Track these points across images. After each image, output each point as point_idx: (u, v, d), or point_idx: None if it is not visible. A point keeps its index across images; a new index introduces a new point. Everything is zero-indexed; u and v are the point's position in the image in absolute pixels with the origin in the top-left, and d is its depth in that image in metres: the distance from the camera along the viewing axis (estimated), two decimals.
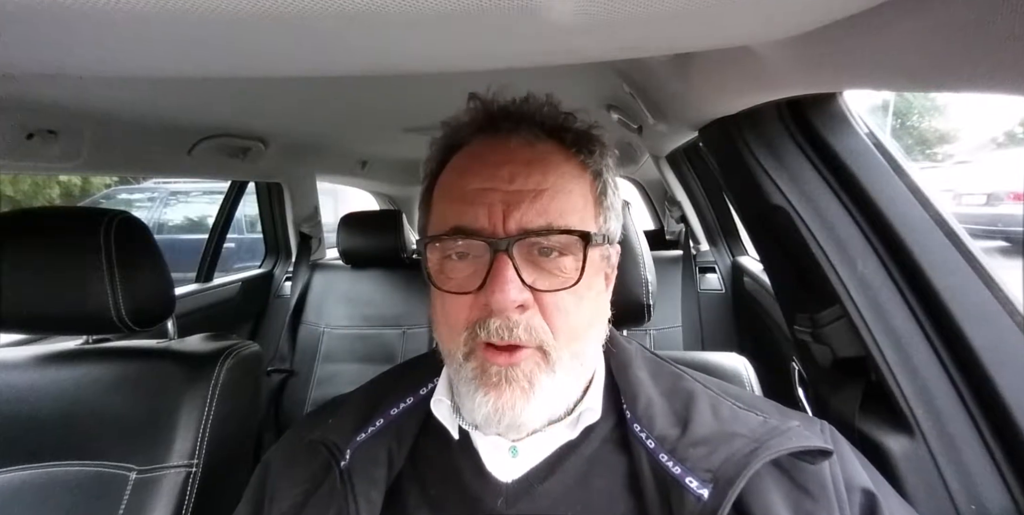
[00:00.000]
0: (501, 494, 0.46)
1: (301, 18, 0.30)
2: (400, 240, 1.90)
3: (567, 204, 0.46)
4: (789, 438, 0.43)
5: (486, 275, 0.43)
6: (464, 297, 0.45)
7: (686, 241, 2.14)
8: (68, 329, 0.87)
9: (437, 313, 0.48)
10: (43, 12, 0.29)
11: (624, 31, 0.37)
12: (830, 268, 0.66)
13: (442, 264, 0.47)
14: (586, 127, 0.51)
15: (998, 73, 0.34)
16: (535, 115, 0.49)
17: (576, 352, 0.46)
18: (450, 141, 0.52)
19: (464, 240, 0.45)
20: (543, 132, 0.49)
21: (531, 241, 0.44)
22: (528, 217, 0.44)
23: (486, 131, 0.50)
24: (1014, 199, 2.68)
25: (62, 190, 5.66)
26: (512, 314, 0.43)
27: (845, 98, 0.70)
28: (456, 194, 0.47)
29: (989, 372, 0.57)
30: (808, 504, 0.42)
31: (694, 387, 0.51)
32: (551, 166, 0.47)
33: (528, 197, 0.45)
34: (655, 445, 0.45)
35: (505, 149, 0.47)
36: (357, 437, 0.50)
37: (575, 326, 0.46)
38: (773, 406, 0.52)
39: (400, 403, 0.53)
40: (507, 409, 0.43)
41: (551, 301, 0.44)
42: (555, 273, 0.45)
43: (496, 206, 0.44)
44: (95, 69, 0.47)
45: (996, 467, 0.57)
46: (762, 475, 0.43)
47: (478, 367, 0.45)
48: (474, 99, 0.51)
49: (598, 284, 0.50)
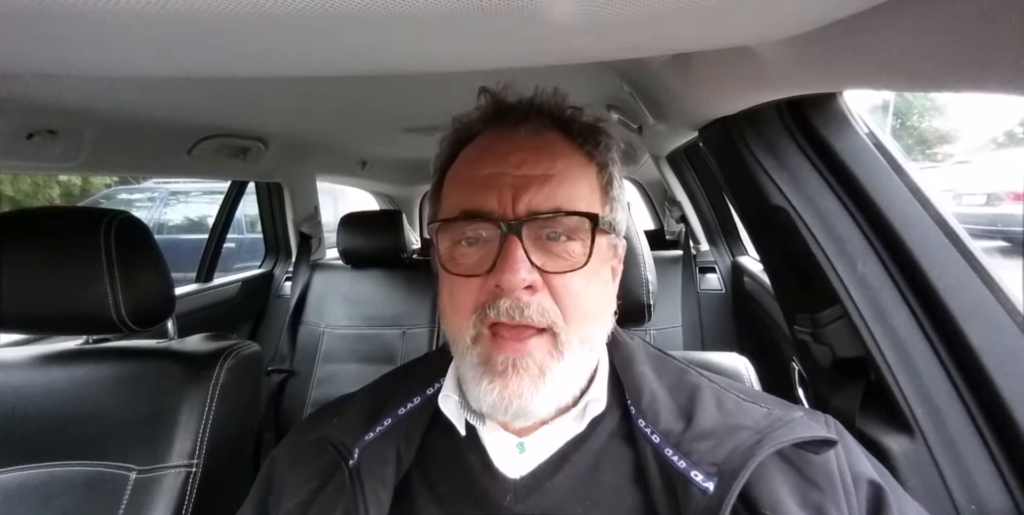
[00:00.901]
0: (510, 490, 0.46)
1: (301, 18, 0.30)
2: (400, 240, 1.90)
3: (575, 190, 0.47)
4: (793, 428, 0.43)
5: (496, 258, 0.44)
6: (474, 280, 0.45)
7: (686, 241, 2.13)
8: (68, 329, 0.87)
9: (445, 298, 0.48)
10: (43, 12, 0.29)
11: (624, 31, 0.37)
12: (830, 268, 0.66)
13: (452, 250, 0.47)
14: (592, 120, 0.52)
15: (998, 73, 0.34)
16: (543, 107, 0.51)
17: (585, 336, 0.46)
18: (460, 135, 0.53)
19: (474, 223, 0.46)
20: (551, 123, 0.50)
21: (540, 224, 0.45)
22: (537, 200, 0.45)
23: (495, 122, 0.51)
24: (1014, 199, 2.68)
25: (62, 190, 5.66)
26: (522, 295, 0.43)
27: (845, 98, 0.70)
28: (466, 181, 0.48)
29: (989, 372, 0.57)
30: (816, 495, 0.42)
31: (698, 381, 0.51)
32: (559, 154, 0.48)
33: (537, 182, 0.46)
34: (660, 439, 0.45)
35: (514, 137, 0.49)
36: (365, 436, 0.50)
37: (586, 308, 0.46)
38: (778, 400, 0.52)
39: (408, 403, 0.53)
40: (515, 397, 0.44)
41: (560, 283, 0.45)
42: (564, 257, 0.46)
43: (506, 189, 0.45)
44: (95, 69, 0.47)
45: (996, 467, 0.57)
46: (768, 467, 0.43)
47: (484, 353, 0.45)
48: (484, 93, 0.52)
49: (605, 272, 0.50)
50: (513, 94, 0.51)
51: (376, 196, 3.31)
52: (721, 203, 1.99)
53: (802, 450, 0.44)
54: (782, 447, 0.42)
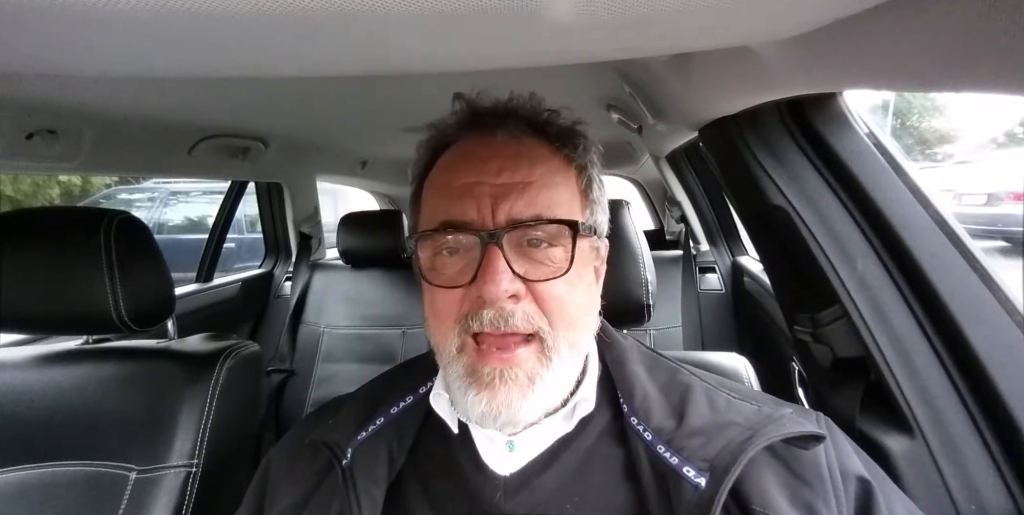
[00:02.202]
0: (499, 488, 0.46)
1: (301, 18, 0.30)
2: (400, 240, 1.90)
3: (554, 196, 0.47)
4: (783, 425, 0.44)
5: (477, 268, 0.44)
6: (455, 291, 0.45)
7: (686, 241, 2.14)
8: (68, 329, 0.87)
9: (428, 308, 0.49)
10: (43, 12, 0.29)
11: (624, 31, 0.37)
12: (830, 268, 0.66)
13: (433, 260, 0.47)
14: (569, 123, 0.52)
15: (998, 73, 0.34)
16: (518, 111, 0.50)
17: (573, 340, 0.46)
18: (437, 142, 0.52)
19: (454, 234, 0.46)
20: (528, 128, 0.50)
21: (521, 232, 0.45)
22: (517, 208, 0.45)
23: (472, 128, 0.50)
24: (1014, 199, 2.68)
25: (62, 190, 5.66)
26: (506, 304, 0.43)
27: (845, 98, 0.70)
28: (444, 190, 0.48)
29: (989, 372, 0.57)
30: (805, 492, 0.42)
31: (690, 380, 0.52)
32: (537, 160, 0.48)
33: (516, 189, 0.45)
34: (652, 437, 0.45)
35: (492, 144, 0.48)
36: (358, 436, 0.50)
37: (571, 313, 0.46)
38: (769, 397, 0.52)
39: (400, 402, 0.53)
40: (503, 408, 0.44)
41: (544, 290, 0.45)
42: (546, 263, 0.45)
43: (485, 199, 0.45)
44: (95, 69, 0.47)
45: (996, 467, 0.57)
46: (759, 463, 0.43)
47: (470, 364, 0.45)
48: (459, 99, 0.51)
49: (588, 275, 0.50)
50: (489, 99, 0.51)
51: (376, 196, 3.30)
52: (721, 203, 1.99)
53: (792, 446, 0.44)
54: (772, 443, 0.43)
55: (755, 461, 0.42)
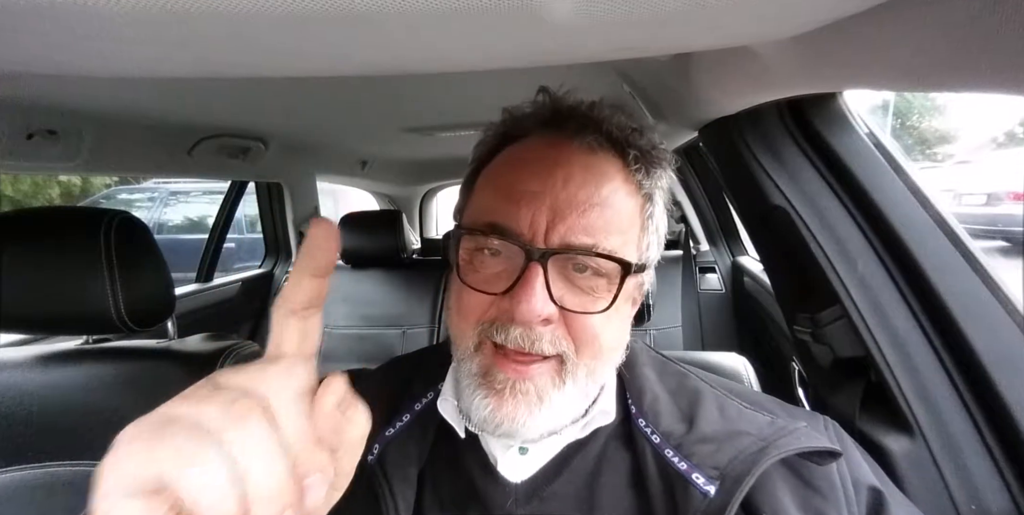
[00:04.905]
0: (511, 495, 0.46)
1: (300, 18, 0.30)
2: (400, 240, 1.90)
3: (614, 223, 0.43)
4: (798, 438, 0.43)
5: (515, 281, 0.41)
6: (487, 296, 0.43)
7: (686, 241, 2.14)
8: (68, 329, 0.87)
9: (454, 303, 0.46)
10: (42, 12, 0.29)
11: (624, 31, 0.37)
12: (830, 268, 0.66)
13: (472, 256, 0.45)
14: (651, 146, 0.47)
15: (998, 73, 0.34)
16: (603, 123, 0.46)
17: (593, 369, 0.44)
18: (508, 129, 0.49)
19: (500, 240, 0.43)
20: (607, 142, 0.46)
21: (570, 257, 0.42)
22: (574, 232, 0.42)
23: (548, 127, 0.47)
24: (1014, 199, 2.68)
25: (62, 190, 5.66)
26: (536, 326, 0.41)
27: (845, 98, 0.70)
28: (503, 188, 0.45)
29: (989, 372, 0.57)
30: (818, 502, 0.42)
31: (700, 386, 0.51)
32: (607, 178, 0.44)
33: (578, 209, 0.42)
34: (660, 440, 0.45)
35: (565, 149, 0.45)
36: (386, 432, 0.48)
37: (600, 346, 0.44)
38: (778, 404, 0.52)
39: (423, 398, 0.51)
40: (506, 419, 0.42)
41: (578, 319, 0.43)
42: (586, 291, 0.43)
43: (541, 212, 0.42)
44: (95, 69, 0.47)
45: (996, 467, 0.57)
46: (770, 473, 0.42)
47: (485, 365, 0.44)
48: (543, 92, 0.48)
49: (626, 309, 0.48)
50: (574, 99, 0.48)
51: (376, 196, 3.31)
52: (721, 203, 1.99)
53: (804, 460, 0.44)
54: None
55: (767, 471, 0.41)
